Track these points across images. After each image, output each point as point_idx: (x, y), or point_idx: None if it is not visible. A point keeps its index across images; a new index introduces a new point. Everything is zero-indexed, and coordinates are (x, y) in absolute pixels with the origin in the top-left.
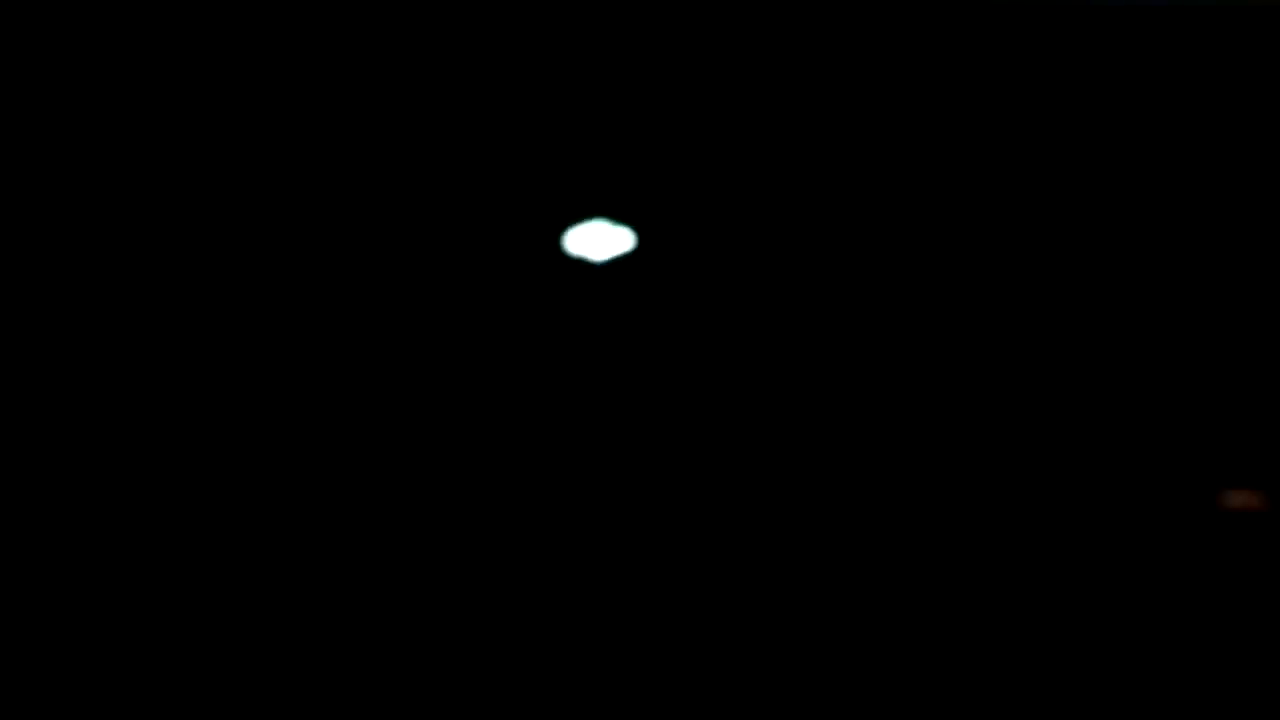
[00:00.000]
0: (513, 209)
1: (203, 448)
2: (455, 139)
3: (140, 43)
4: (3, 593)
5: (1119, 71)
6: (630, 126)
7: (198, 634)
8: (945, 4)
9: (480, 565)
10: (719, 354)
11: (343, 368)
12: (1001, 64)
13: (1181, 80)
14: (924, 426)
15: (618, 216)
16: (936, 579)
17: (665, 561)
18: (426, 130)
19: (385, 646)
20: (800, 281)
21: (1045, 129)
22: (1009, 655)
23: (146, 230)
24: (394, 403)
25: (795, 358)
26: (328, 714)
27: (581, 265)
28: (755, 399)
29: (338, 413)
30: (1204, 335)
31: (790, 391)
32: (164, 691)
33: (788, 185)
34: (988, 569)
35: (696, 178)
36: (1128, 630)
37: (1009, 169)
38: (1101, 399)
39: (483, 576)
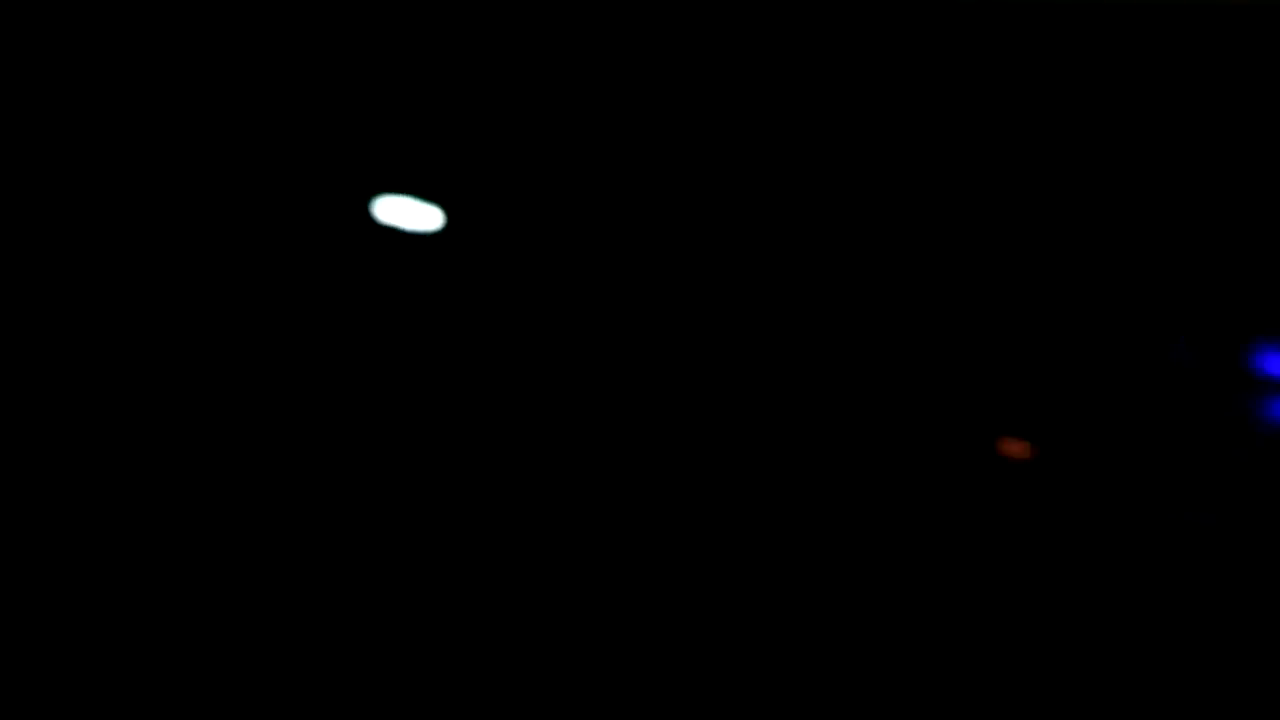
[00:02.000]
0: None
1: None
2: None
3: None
4: (2, 593)
5: (1120, 71)
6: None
7: (197, 634)
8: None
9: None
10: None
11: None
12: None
13: (1182, 80)
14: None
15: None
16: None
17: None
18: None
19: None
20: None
21: (1043, 129)
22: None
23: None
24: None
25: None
26: (327, 714)
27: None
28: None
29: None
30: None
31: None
32: (164, 691)
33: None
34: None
35: (509, 164)
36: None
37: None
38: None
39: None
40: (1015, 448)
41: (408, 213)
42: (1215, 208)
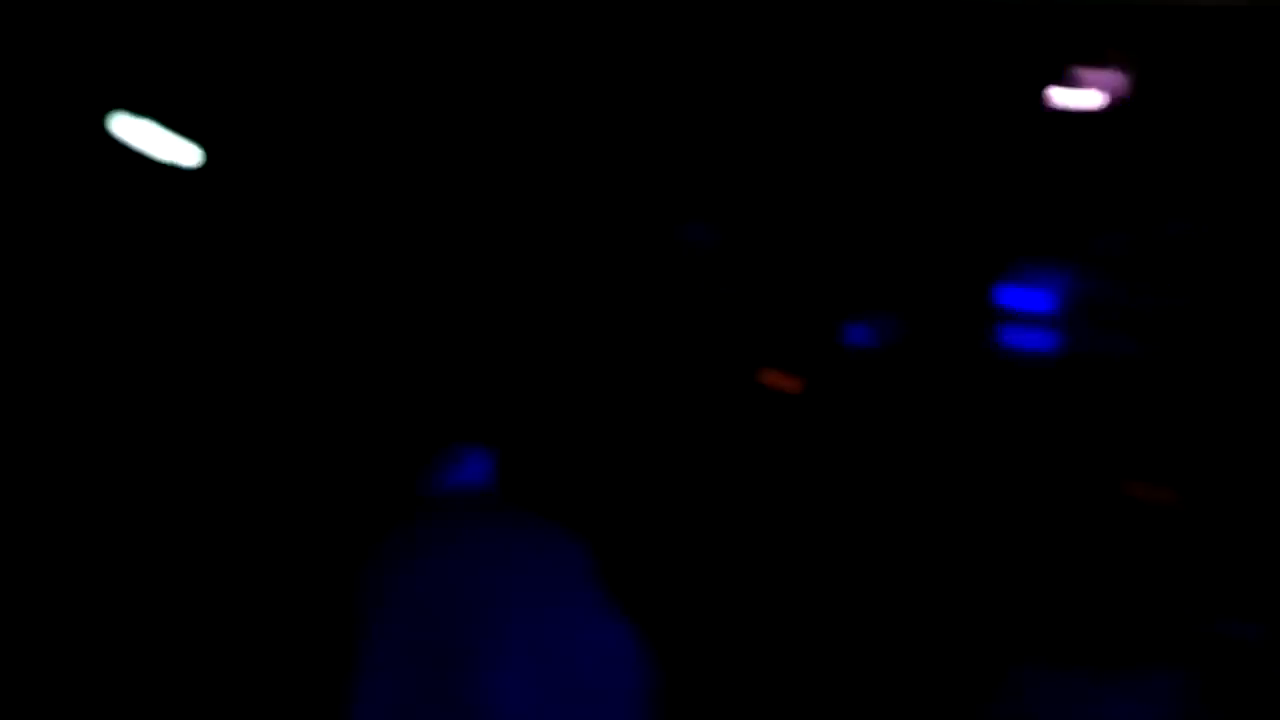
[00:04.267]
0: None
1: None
2: None
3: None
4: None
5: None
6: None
7: (197, 634)
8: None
9: None
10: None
11: None
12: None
13: (1182, 80)
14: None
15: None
16: None
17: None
18: None
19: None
20: None
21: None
22: None
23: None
24: None
25: None
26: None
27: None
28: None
29: None
30: None
31: None
32: (164, 691)
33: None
34: None
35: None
36: None
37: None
38: None
39: None
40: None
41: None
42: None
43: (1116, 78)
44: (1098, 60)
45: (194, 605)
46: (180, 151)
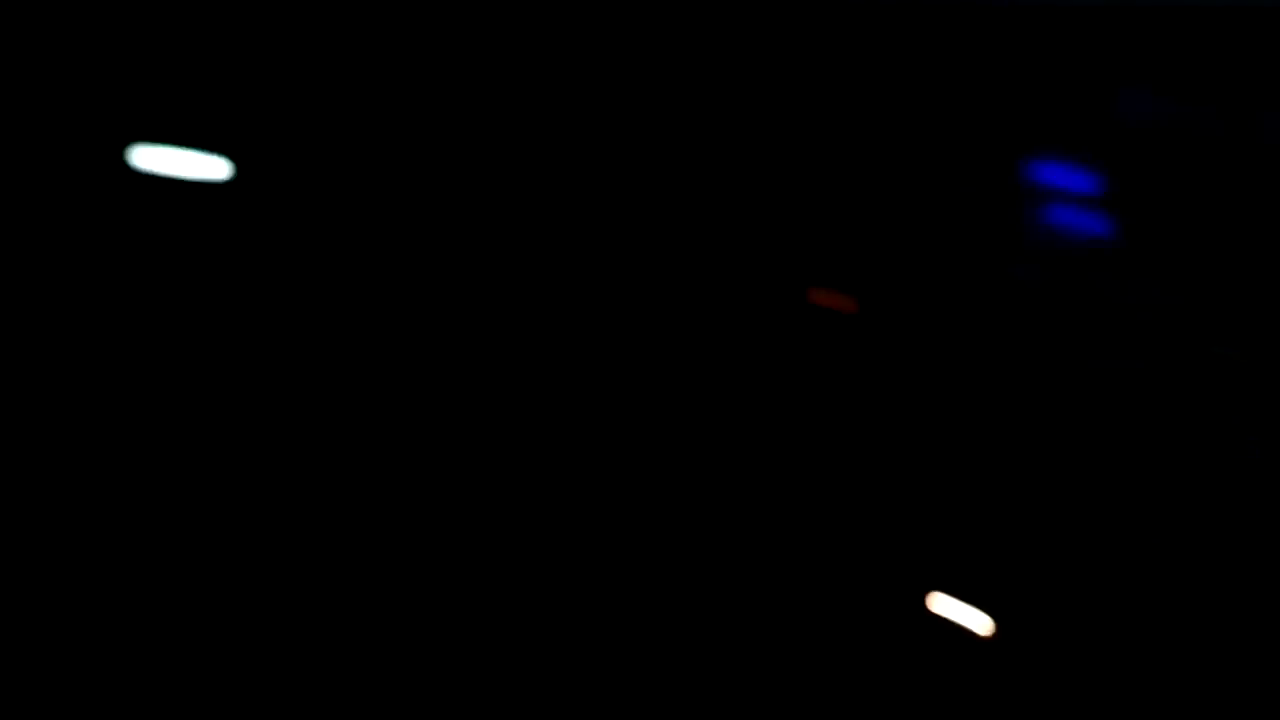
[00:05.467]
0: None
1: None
2: None
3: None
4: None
5: (1121, 71)
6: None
7: (197, 634)
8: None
9: None
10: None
11: None
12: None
13: (1182, 80)
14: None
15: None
16: None
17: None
18: None
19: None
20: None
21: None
22: None
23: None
24: None
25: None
26: (328, 714)
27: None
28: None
29: None
30: None
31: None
32: (164, 691)
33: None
34: None
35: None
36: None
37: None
38: None
39: None
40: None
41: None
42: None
43: None
44: None
45: (194, 605)
46: (208, 168)
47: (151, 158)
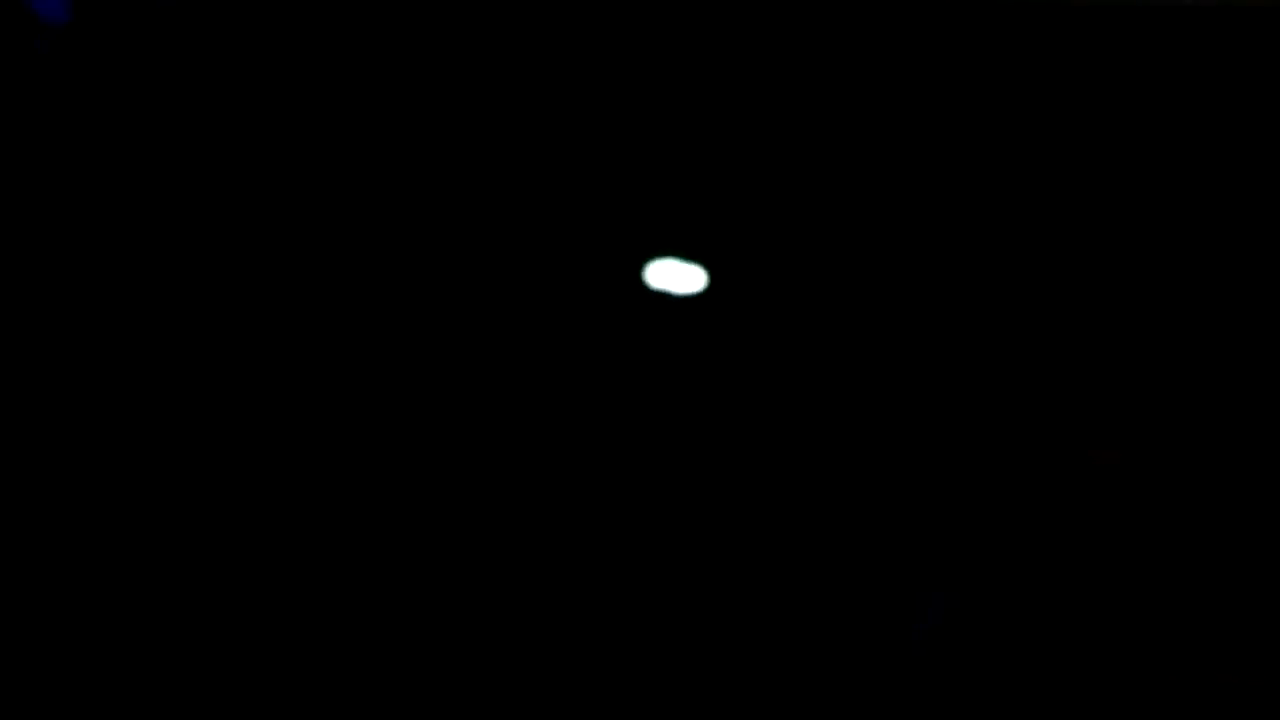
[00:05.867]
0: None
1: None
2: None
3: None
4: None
5: (1119, 72)
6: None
7: (198, 634)
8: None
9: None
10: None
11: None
12: (1001, 64)
13: (1182, 80)
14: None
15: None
16: None
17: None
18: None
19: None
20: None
21: (1043, 130)
22: None
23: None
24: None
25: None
26: (327, 714)
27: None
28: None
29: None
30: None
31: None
32: (164, 692)
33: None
34: None
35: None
36: None
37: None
38: None
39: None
40: None
41: (674, 275)
42: None
43: None
44: None
45: (194, 605)
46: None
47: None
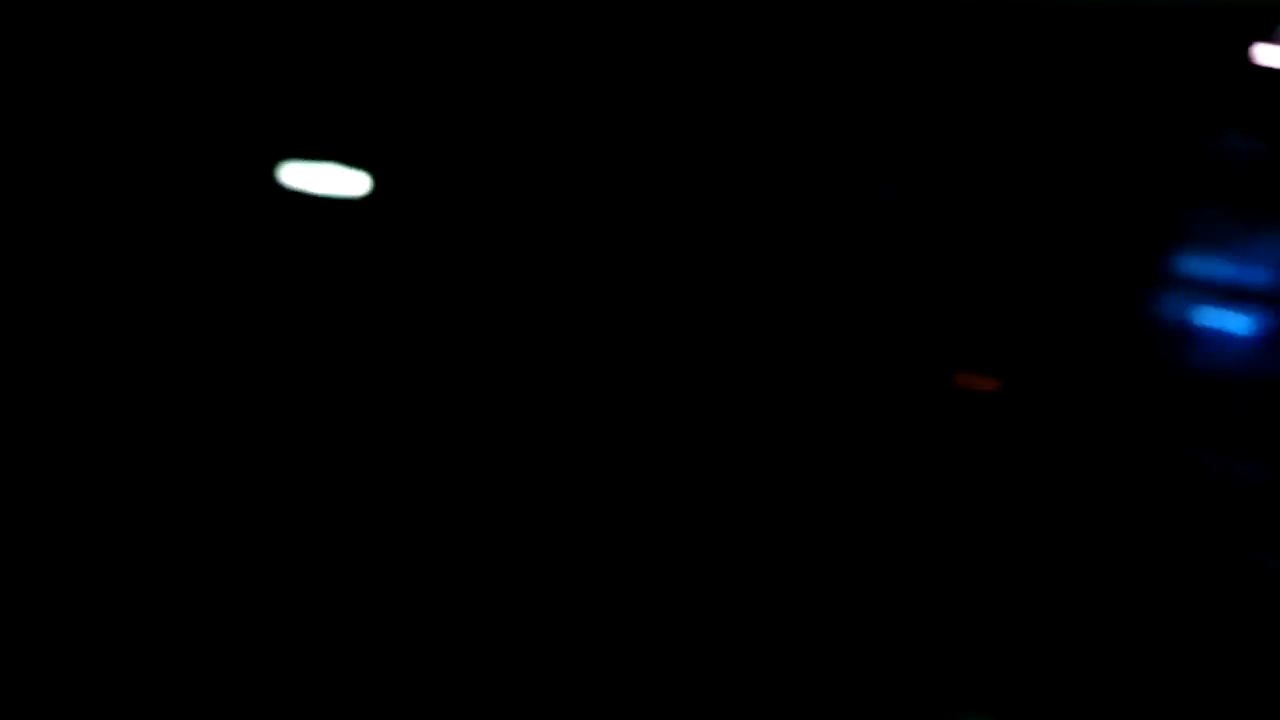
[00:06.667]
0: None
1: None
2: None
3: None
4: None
5: (1117, 72)
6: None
7: (198, 634)
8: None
9: None
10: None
11: None
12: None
13: (1182, 80)
14: None
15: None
16: None
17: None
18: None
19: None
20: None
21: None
22: None
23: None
24: None
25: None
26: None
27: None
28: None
29: None
30: None
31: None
32: (164, 692)
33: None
34: None
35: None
36: None
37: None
38: None
39: None
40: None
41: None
42: None
43: None
44: None
45: (193, 605)
46: (348, 182)
47: (299, 174)
